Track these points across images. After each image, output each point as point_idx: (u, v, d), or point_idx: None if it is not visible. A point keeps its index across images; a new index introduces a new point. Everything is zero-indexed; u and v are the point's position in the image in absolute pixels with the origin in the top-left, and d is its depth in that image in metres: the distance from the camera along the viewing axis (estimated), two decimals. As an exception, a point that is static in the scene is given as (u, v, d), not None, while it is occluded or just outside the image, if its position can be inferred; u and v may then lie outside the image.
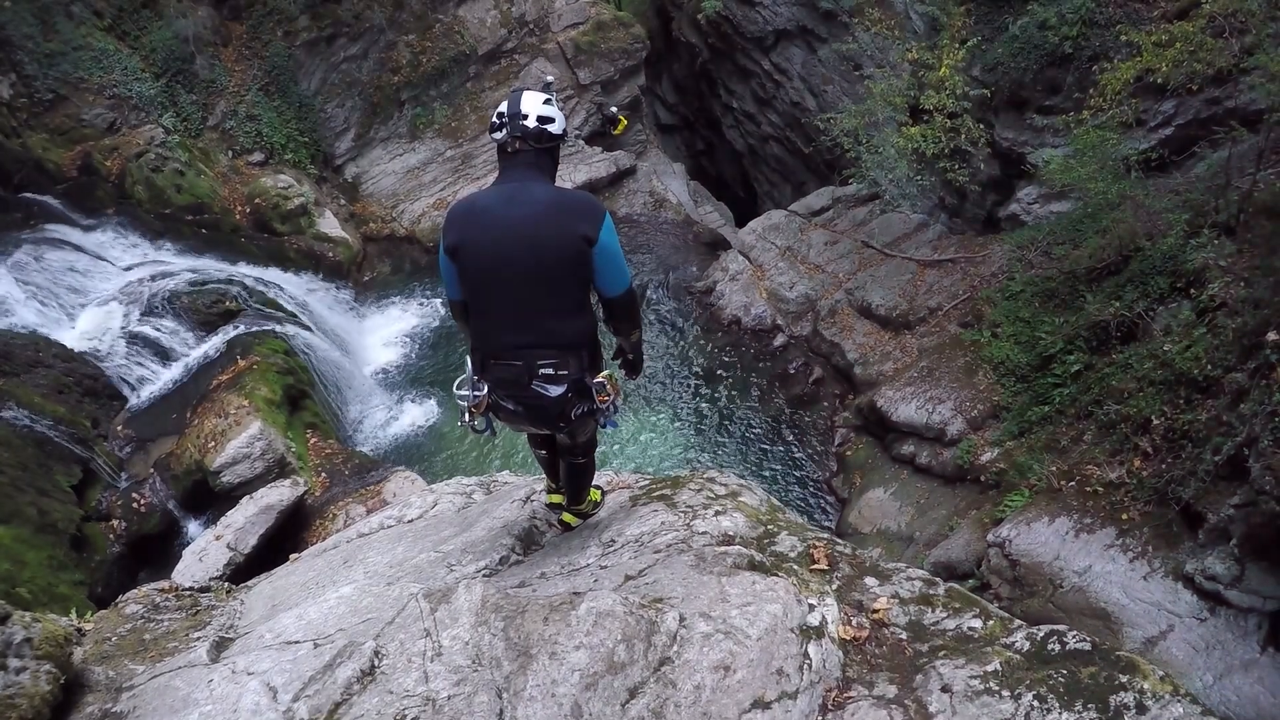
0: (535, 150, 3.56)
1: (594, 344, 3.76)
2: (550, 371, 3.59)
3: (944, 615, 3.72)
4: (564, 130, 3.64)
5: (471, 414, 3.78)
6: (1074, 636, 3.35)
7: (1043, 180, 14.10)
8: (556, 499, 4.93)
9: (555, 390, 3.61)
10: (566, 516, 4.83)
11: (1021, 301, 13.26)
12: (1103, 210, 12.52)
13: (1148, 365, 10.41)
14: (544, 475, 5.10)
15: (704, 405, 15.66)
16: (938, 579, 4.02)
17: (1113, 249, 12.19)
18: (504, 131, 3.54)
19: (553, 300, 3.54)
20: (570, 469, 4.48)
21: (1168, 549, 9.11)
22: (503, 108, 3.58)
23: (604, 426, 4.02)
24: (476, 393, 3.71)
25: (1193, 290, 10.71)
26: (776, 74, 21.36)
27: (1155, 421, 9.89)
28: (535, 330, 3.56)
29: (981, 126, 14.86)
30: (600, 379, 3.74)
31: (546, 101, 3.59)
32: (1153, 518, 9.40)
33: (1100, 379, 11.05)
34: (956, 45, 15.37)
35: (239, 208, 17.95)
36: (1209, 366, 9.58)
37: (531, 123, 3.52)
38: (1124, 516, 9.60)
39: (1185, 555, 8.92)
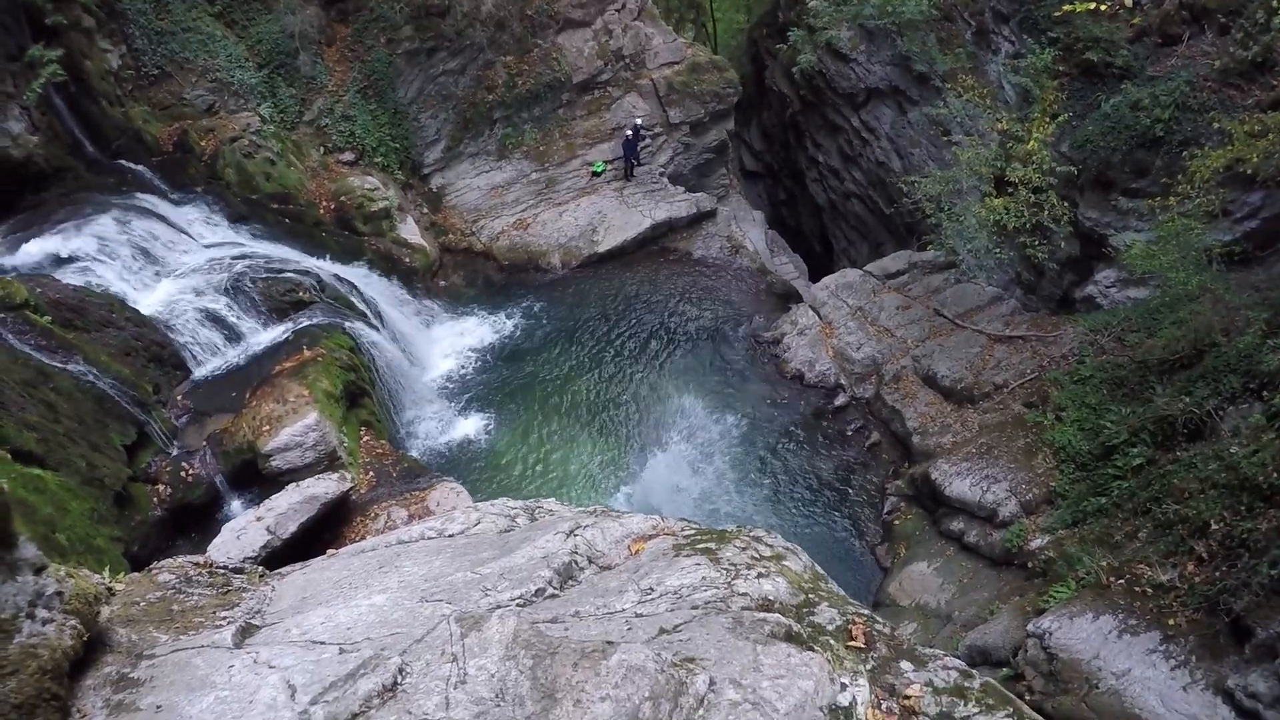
0: None
1: None
2: None
3: (976, 710, 3.62)
4: None
5: None
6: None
7: (1122, 264, 13.86)
8: None
9: None
10: None
11: (1090, 387, 12.98)
12: (1181, 301, 12.24)
13: (1212, 466, 10.08)
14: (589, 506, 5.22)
15: (755, 456, 15.49)
16: (974, 671, 3.92)
17: (1187, 342, 11.88)
18: None
19: None
20: None
21: (1212, 660, 8.78)
22: None
23: None
24: None
25: (1266, 393, 10.40)
26: (865, 131, 21.32)
27: (1214, 526, 9.56)
28: None
29: (1065, 204, 14.67)
30: None
31: None
32: (1200, 626, 9.07)
33: (1162, 476, 10.73)
34: (1047, 119, 15.23)
35: (324, 203, 18.41)
36: (1275, 475, 9.23)
37: None
38: (1171, 621, 9.29)
39: (1229, 669, 8.59)
